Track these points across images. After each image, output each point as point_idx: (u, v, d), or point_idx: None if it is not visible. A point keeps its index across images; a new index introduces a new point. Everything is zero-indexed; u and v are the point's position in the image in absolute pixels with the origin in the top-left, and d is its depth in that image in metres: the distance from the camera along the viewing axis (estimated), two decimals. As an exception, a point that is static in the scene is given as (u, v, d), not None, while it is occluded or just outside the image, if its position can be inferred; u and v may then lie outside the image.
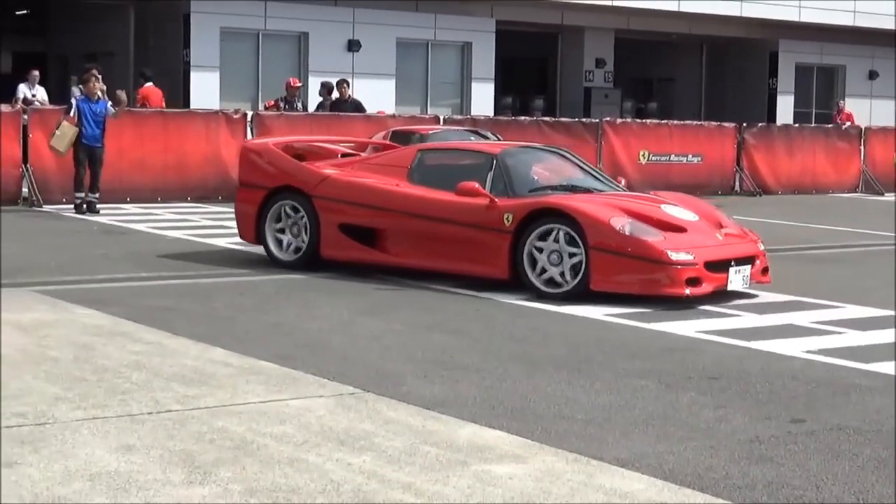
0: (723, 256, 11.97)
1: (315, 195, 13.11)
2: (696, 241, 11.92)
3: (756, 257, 12.39)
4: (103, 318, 10.06)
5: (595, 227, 11.62)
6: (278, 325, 10.05)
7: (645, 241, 11.58)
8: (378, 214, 12.82)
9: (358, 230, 12.94)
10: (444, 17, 31.96)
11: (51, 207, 19.32)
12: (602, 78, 36.57)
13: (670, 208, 12.43)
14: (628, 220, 11.79)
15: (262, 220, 13.42)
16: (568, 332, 10.18)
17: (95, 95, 18.98)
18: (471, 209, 12.31)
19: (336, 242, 12.98)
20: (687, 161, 26.49)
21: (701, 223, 12.35)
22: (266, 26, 29.68)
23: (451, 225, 12.41)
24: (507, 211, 12.07)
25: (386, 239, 12.82)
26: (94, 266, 13.14)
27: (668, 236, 11.80)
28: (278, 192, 13.39)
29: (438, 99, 32.51)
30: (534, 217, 11.91)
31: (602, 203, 12.16)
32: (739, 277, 12.03)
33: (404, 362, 8.73)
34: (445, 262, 12.45)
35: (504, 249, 12.00)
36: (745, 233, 12.81)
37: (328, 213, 13.01)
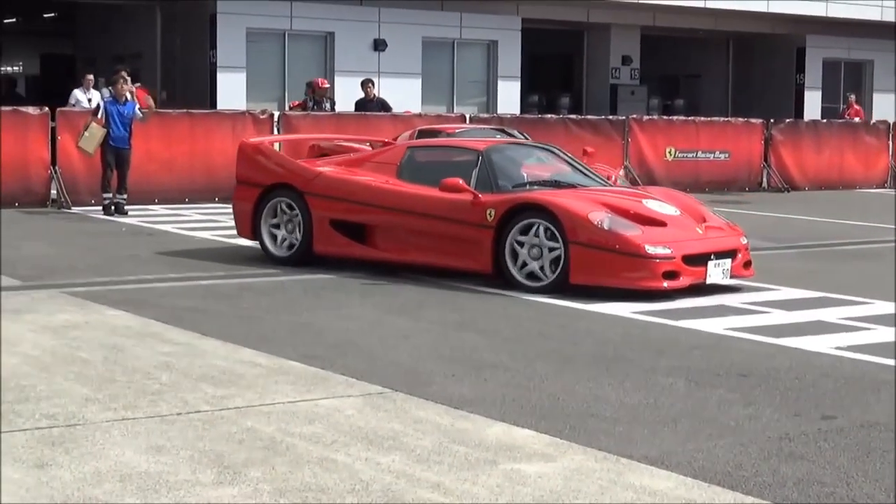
0: (701, 250, 12.11)
1: (308, 192, 13.40)
2: (675, 236, 12.09)
3: (738, 251, 12.53)
4: (132, 319, 10.09)
5: (574, 221, 11.84)
6: (307, 325, 10.06)
7: (622, 235, 11.77)
8: (367, 211, 13.10)
9: (349, 226, 13.22)
10: (470, 15, 31.93)
11: (79, 209, 19.40)
12: (628, 75, 36.50)
13: (652, 203, 12.60)
14: (607, 214, 11.97)
15: (257, 217, 13.73)
16: (596, 329, 10.16)
17: (123, 97, 19.04)
18: (455, 205, 12.55)
19: (328, 238, 13.27)
20: (714, 158, 26.41)
21: (682, 217, 12.49)
22: (292, 26, 29.72)
23: (436, 220, 12.67)
24: (490, 206, 12.31)
25: (375, 234, 13.10)
26: (123, 267, 13.19)
27: (647, 230, 11.97)
28: (273, 189, 13.69)
29: (465, 98, 32.49)
30: (515, 212, 12.15)
31: (583, 198, 12.37)
32: (719, 271, 12.17)
33: (433, 361, 8.73)
34: (431, 256, 12.70)
35: (487, 244, 12.25)
36: (729, 227, 12.91)
37: (320, 209, 13.31)
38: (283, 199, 13.59)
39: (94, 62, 33.28)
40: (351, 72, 29.25)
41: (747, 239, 12.88)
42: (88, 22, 34.60)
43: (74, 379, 7.88)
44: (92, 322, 9.90)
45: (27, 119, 19.76)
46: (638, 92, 36.44)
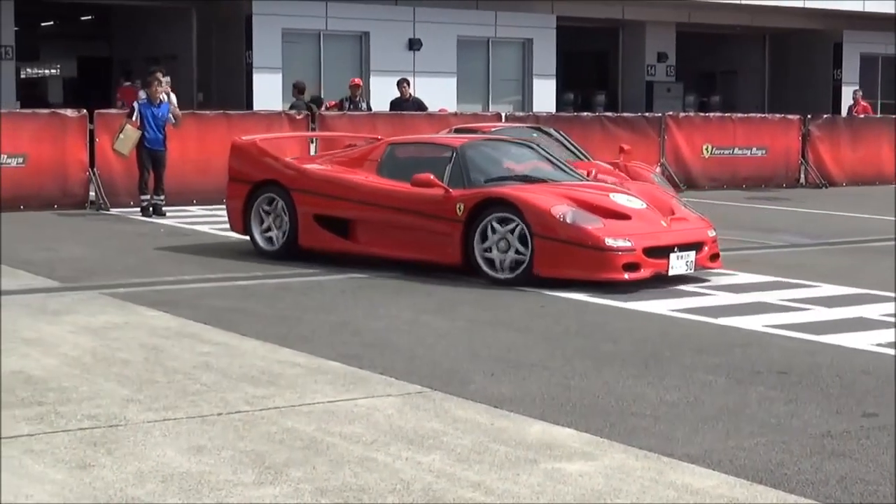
0: (664, 243, 12.40)
1: (293, 188, 13.88)
2: (638, 228, 12.37)
3: (704, 243, 12.81)
4: (172, 319, 10.13)
5: (537, 215, 12.20)
6: (344, 324, 10.08)
7: (583, 229, 12.10)
8: (348, 206, 13.53)
9: (331, 221, 13.64)
10: (505, 13, 31.90)
11: (118, 210, 19.48)
12: (664, 72, 36.39)
13: (619, 196, 12.93)
14: (571, 208, 12.31)
15: (248, 212, 14.25)
16: (634, 327, 10.14)
17: (157, 99, 19.07)
18: (428, 200, 12.93)
19: (311, 233, 13.73)
20: (751, 154, 26.30)
21: (647, 211, 12.79)
22: (327, 27, 29.77)
23: (410, 215, 13.07)
24: (460, 201, 12.69)
25: (355, 229, 13.52)
26: (162, 268, 13.24)
27: (609, 223, 12.29)
28: (262, 185, 14.20)
29: (500, 96, 32.48)
30: (483, 206, 12.52)
31: (549, 193, 12.73)
32: (682, 263, 12.48)
33: (471, 360, 8.73)
34: (406, 250, 13.09)
35: (456, 237, 12.62)
36: (696, 220, 13.20)
37: (304, 204, 13.77)
38: (270, 195, 14.10)
39: (129, 64, 33.46)
40: (386, 71, 29.29)
41: (715, 232, 13.13)
42: (124, 24, 34.74)
43: (115, 380, 7.92)
44: (131, 323, 9.95)
45: (65, 121, 19.86)
46: (674, 89, 36.33)
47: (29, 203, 19.17)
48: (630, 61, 36.75)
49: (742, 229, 17.70)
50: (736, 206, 22.05)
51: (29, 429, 6.70)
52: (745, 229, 17.73)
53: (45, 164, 19.50)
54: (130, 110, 19.24)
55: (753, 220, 19.32)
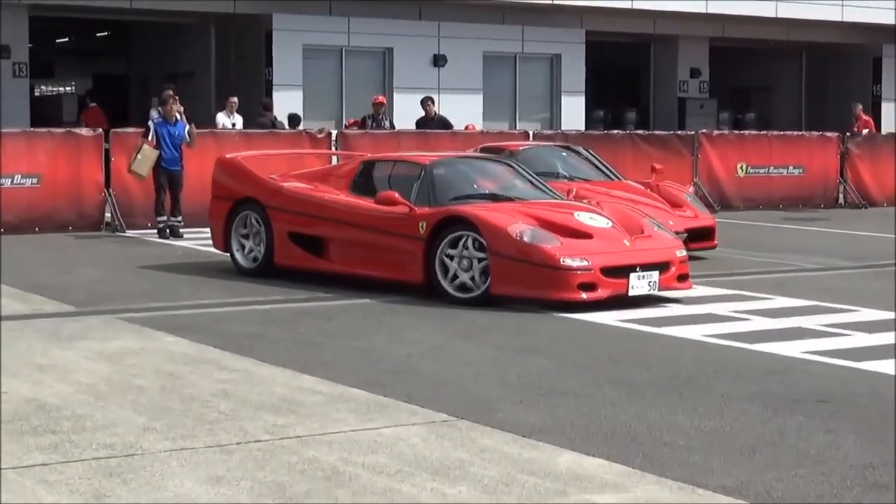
0: (623, 262, 12.58)
1: (269, 206, 14.35)
2: (598, 247, 12.61)
3: (670, 263, 12.94)
4: (189, 345, 10.15)
5: (494, 233, 12.49)
6: (367, 350, 10.08)
7: (538, 247, 12.34)
8: (320, 224, 13.95)
9: (305, 239, 14.05)
10: (532, 28, 31.93)
11: (134, 232, 19.54)
12: (697, 88, 36.34)
13: (583, 215, 13.20)
14: (529, 227, 12.58)
15: (228, 230, 14.75)
16: (667, 354, 10.11)
17: (173, 117, 19.12)
18: (393, 218, 13.28)
19: (286, 251, 14.16)
20: (787, 173, 26.23)
21: (612, 230, 13.01)
22: (349, 42, 29.85)
23: (377, 233, 13.42)
24: (423, 219, 13.00)
25: (327, 247, 13.90)
26: (179, 292, 13.27)
27: (568, 242, 12.54)
28: (242, 203, 14.68)
29: (527, 113, 32.48)
30: (444, 225, 12.85)
31: (510, 211, 13.03)
32: (644, 283, 12.63)
33: (498, 388, 8.71)
34: (373, 268, 13.40)
35: (419, 255, 12.91)
36: (665, 239, 13.37)
37: (279, 222, 14.23)
38: (249, 213, 14.54)
39: (146, 82, 33.61)
40: (410, 88, 29.34)
41: (685, 252, 13.23)
42: (141, 41, 34.91)
43: (131, 407, 7.93)
44: (148, 349, 9.97)
45: (80, 141, 19.94)
46: (707, 105, 36.27)
47: (43, 225, 19.25)
48: (662, 77, 36.73)
49: (778, 251, 17.66)
50: (772, 227, 21.99)
51: (42, 458, 6.72)
52: (781, 251, 17.68)
53: (59, 184, 19.58)
54: (146, 129, 19.22)
55: (790, 242, 19.26)
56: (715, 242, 17.10)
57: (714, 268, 15.80)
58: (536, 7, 31.31)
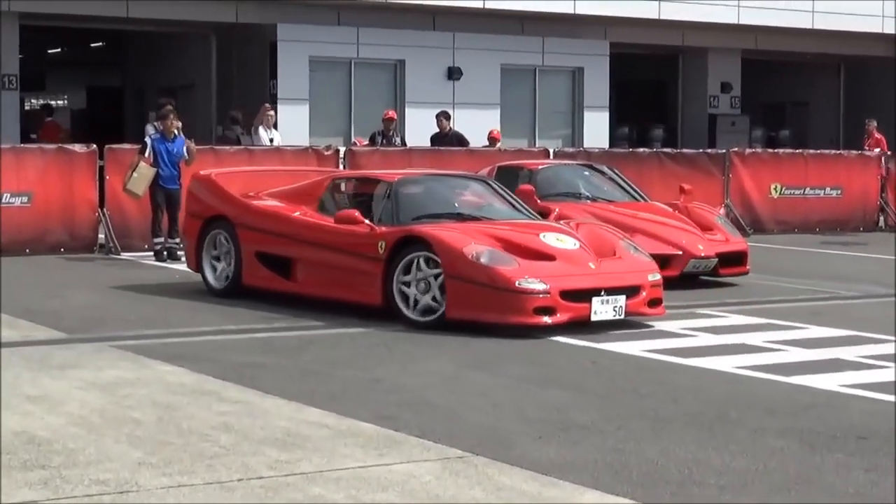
0: (585, 285, 12.73)
1: (238, 224, 14.77)
2: (560, 270, 12.80)
3: (640, 288, 13.06)
4: (187, 375, 10.16)
5: (450, 255, 12.73)
6: (377, 381, 10.08)
7: (493, 269, 12.53)
8: (285, 243, 14.30)
9: (271, 258, 14.42)
10: (553, 40, 31.97)
11: (129, 255, 19.58)
12: (728, 103, 36.35)
13: (549, 236, 13.38)
14: (487, 248, 12.77)
15: (201, 249, 15.15)
16: (697, 386, 10.10)
17: (171, 133, 19.12)
18: (354, 237, 13.57)
19: (254, 271, 14.54)
20: (824, 194, 26.20)
21: (578, 251, 13.18)
22: (359, 54, 29.91)
23: (338, 253, 13.73)
24: (382, 239, 13.27)
25: (293, 267, 14.21)
26: (177, 318, 13.29)
27: (527, 264, 12.72)
28: (212, 221, 15.14)
29: (548, 130, 32.49)
30: (402, 245, 13.11)
31: (472, 231, 13.24)
32: (609, 308, 12.75)
33: (516, 422, 8.71)
34: (335, 290, 13.69)
35: (378, 277, 13.16)
36: (637, 262, 13.45)
37: (247, 241, 14.63)
38: (220, 232, 14.98)
39: (143, 95, 33.70)
40: (423, 103, 29.38)
41: (659, 275, 13.28)
42: (138, 52, 35.03)
43: (126, 441, 7.94)
44: (144, 378, 9.98)
45: (73, 157, 19.96)
46: (739, 122, 36.27)
47: (34, 246, 19.30)
48: (691, 92, 36.74)
49: (814, 278, 17.63)
50: (807, 252, 21.97)
51: (32, 495, 6.72)
52: (817, 278, 17.65)
53: (51, 203, 19.62)
54: (142, 146, 19.22)
55: (827, 268, 19.24)
56: (747, 268, 17.09)
57: (746, 295, 15.78)
58: (558, 17, 31.36)
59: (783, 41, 35.43)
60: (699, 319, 13.66)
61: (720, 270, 16.68)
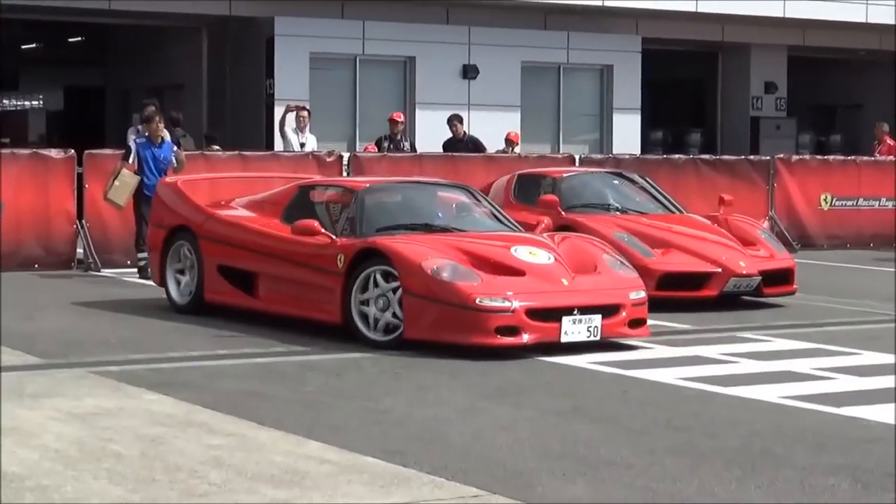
0: (555, 304, 12.78)
1: (200, 235, 15.02)
2: (528, 286, 12.87)
3: (620, 307, 13.09)
4: (175, 404, 10.16)
5: (408, 269, 12.84)
6: (385, 412, 10.08)
7: (452, 285, 12.64)
8: (247, 256, 14.50)
9: (234, 272, 14.63)
10: (579, 35, 31.97)
11: (110, 271, 19.59)
12: (773, 105, 36.36)
13: (521, 250, 13.44)
14: (449, 262, 12.88)
15: (164, 262, 15.43)
16: (738, 418, 10.08)
17: (159, 137, 19.07)
18: (314, 250, 13.71)
19: (215, 285, 14.77)
20: (879, 206, 26.18)
21: (551, 266, 13.24)
22: (364, 50, 29.96)
23: (298, 267, 13.90)
24: (341, 251, 13.40)
25: (255, 282, 14.40)
26: (164, 342, 13.30)
27: (491, 280, 12.82)
28: (175, 232, 15.42)
29: (573, 134, 32.53)
30: (361, 258, 13.23)
31: (437, 244, 13.38)
32: (582, 328, 12.77)
33: (538, 458, 8.70)
34: (296, 307, 13.90)
35: (337, 292, 13.28)
36: (619, 279, 13.48)
37: (209, 254, 14.87)
38: (183, 243, 15.24)
39: (127, 96, 33.76)
40: (435, 104, 29.42)
41: (644, 293, 13.31)
42: (121, 48, 35.12)
43: (106, 477, 7.94)
44: (126, 408, 9.98)
45: (49, 164, 19.97)
46: (785, 126, 36.28)
47: (5, 262, 19.24)
48: (731, 92, 36.76)
49: (868, 298, 17.60)
50: (861, 269, 21.93)
51: (3, 537, 6.73)
52: (871, 298, 17.62)
53: (24, 214, 19.62)
54: (126, 151, 19.17)
55: (882, 288, 19.19)
56: (794, 287, 17.07)
57: (793, 317, 15.77)
58: (584, 10, 31.39)
59: (834, 36, 35.43)
60: (740, 344, 13.65)
61: (764, 290, 16.65)
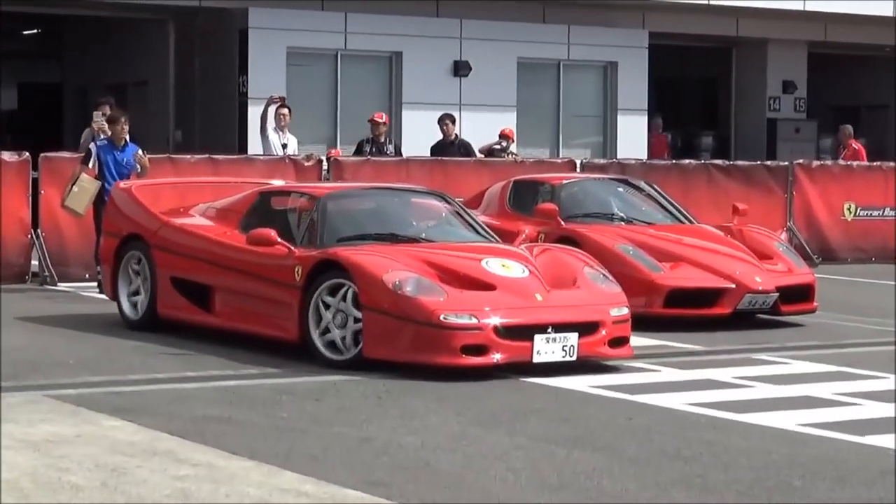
0: (526, 321, 12.84)
1: (154, 245, 15.19)
2: (498, 302, 12.91)
3: (599, 325, 13.16)
4: (138, 431, 10.15)
5: (368, 282, 12.93)
6: (367, 440, 10.07)
7: (414, 300, 12.72)
8: (203, 267, 14.66)
9: (188, 285, 14.81)
10: (581, 29, 31.97)
11: (68, 285, 19.56)
12: (791, 106, 36.39)
13: (492, 262, 13.54)
14: (413, 275, 12.95)
15: (116, 274, 15.58)
16: (752, 447, 10.08)
17: (122, 140, 18.99)
18: (271, 261, 13.83)
19: (169, 299, 14.97)
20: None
21: (524, 280, 13.31)
22: (346, 45, 29.95)
23: (254, 280, 14.04)
24: (299, 263, 13.50)
25: (211, 296, 14.56)
26: (126, 362, 13.28)
27: (458, 295, 12.90)
28: (128, 241, 15.61)
29: (574, 137, 32.51)
30: (320, 270, 13.34)
31: (397, 255, 13.47)
32: (557, 347, 12.82)
33: (535, 490, 8.71)
34: (252, 323, 14.02)
35: (294, 307, 13.40)
36: (601, 294, 13.53)
37: (163, 265, 15.03)
38: (135, 253, 15.43)
39: (86, 93, 33.69)
40: (423, 104, 29.40)
41: (626, 309, 13.35)
42: (81, 41, 35.05)
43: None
44: (85, 435, 9.96)
45: (1, 168, 19.88)
46: (805, 129, 36.30)
47: (-48, 275, 19.29)
48: (746, 92, 36.78)
49: None
50: (887, 285, 21.93)
51: (-51, 576, 6.72)
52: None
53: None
54: (85, 154, 19.09)
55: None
56: (814, 305, 17.07)
57: (813, 337, 15.78)
58: (587, 2, 31.42)
59: (858, 31, 35.46)
60: (755, 367, 13.66)
61: (782, 307, 16.65)
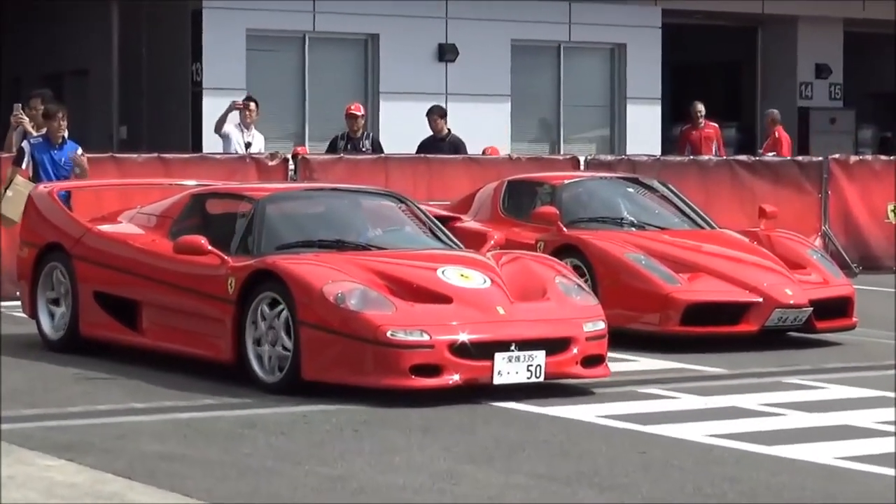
0: (487, 337, 12.94)
1: (75, 255, 15.33)
2: (454, 316, 13.05)
3: (570, 341, 13.23)
4: (80, 472, 10.16)
5: (306, 296, 13.05)
6: (342, 479, 10.10)
7: (358, 315, 12.84)
8: (128, 280, 14.84)
9: (112, 300, 14.98)
10: (585, 6, 31.94)
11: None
12: (826, 93, 36.39)
13: (449, 271, 13.68)
14: (357, 287, 13.11)
15: (35, 287, 15.71)
16: (780, 483, 10.12)
17: (59, 138, 18.94)
18: (202, 272, 14.03)
19: (92, 316, 15.11)
20: (961, 219, 26.25)
21: (484, 292, 13.44)
22: (315, 27, 29.94)
23: (185, 294, 14.25)
24: (232, 274, 13.67)
25: (138, 312, 14.77)
26: (65, 393, 13.29)
27: (408, 309, 13.03)
28: (48, 251, 15.72)
29: (576, 131, 32.52)
30: (255, 282, 13.49)
31: (342, 264, 13.64)
32: (521, 367, 12.92)
33: (534, 535, 8.75)
34: (184, 342, 14.19)
35: (228, 323, 13.59)
36: (571, 306, 13.63)
37: (84, 278, 15.15)
38: (56, 265, 15.55)
39: (19, 84, 33.66)
40: (404, 94, 29.42)
41: (603, 324, 13.43)
42: (14, 26, 35.00)
43: (-6, 564, 7.96)
44: (19, 477, 9.97)
45: (-79, 171, 19.94)
46: (841, 119, 36.31)
47: None
48: (774, 78, 36.79)
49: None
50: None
51: None
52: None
53: None
54: (18, 153, 19.06)
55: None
56: (853, 320, 17.09)
57: (851, 357, 15.81)
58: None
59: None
60: (786, 392, 13.69)
61: (816, 324, 16.66)
